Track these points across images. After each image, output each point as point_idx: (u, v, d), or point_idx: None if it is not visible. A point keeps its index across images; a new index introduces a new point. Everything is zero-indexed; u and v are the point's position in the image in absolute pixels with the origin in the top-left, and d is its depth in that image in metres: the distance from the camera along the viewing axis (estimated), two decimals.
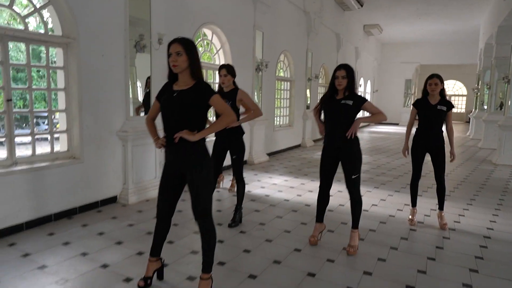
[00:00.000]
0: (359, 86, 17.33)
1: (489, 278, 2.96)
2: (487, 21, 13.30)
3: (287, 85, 9.99)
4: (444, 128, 3.97)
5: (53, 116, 4.35)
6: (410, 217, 4.25)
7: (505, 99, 9.16)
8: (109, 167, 4.50)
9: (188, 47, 2.32)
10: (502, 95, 10.38)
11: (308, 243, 3.54)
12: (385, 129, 17.91)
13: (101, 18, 4.19)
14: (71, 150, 4.15)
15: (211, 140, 3.75)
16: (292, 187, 5.80)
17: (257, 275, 2.89)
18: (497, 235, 3.93)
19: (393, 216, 4.46)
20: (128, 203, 4.57)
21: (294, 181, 6.23)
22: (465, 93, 25.97)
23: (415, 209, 4.26)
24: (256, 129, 7.65)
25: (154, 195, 4.90)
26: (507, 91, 8.93)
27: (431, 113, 3.92)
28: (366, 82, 19.12)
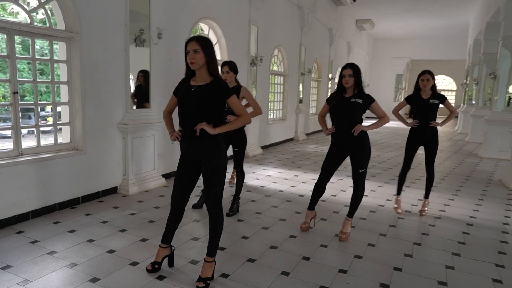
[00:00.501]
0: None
1: (469, 260, 3.21)
2: (476, 18, 13.57)
3: (280, 79, 10.15)
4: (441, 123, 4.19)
5: (49, 108, 4.44)
6: (395, 205, 4.50)
7: (492, 94, 9.45)
8: (110, 158, 4.64)
9: (205, 45, 2.45)
10: (490, 91, 10.64)
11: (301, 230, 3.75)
12: None
13: (102, 12, 4.30)
14: (74, 142, 4.28)
15: None
16: (286, 178, 6.01)
17: (256, 258, 3.09)
18: (479, 222, 4.19)
19: (382, 205, 4.70)
20: (128, 193, 4.72)
21: (288, 173, 6.43)
22: (454, 88, 26.44)
23: (399, 197, 4.52)
24: (251, 123, 7.78)
25: (153, 186, 5.07)
26: (493, 87, 9.21)
27: (424, 107, 4.14)
28: None
